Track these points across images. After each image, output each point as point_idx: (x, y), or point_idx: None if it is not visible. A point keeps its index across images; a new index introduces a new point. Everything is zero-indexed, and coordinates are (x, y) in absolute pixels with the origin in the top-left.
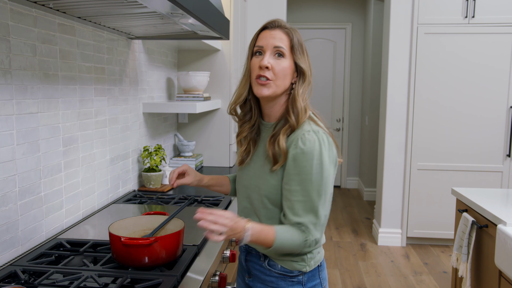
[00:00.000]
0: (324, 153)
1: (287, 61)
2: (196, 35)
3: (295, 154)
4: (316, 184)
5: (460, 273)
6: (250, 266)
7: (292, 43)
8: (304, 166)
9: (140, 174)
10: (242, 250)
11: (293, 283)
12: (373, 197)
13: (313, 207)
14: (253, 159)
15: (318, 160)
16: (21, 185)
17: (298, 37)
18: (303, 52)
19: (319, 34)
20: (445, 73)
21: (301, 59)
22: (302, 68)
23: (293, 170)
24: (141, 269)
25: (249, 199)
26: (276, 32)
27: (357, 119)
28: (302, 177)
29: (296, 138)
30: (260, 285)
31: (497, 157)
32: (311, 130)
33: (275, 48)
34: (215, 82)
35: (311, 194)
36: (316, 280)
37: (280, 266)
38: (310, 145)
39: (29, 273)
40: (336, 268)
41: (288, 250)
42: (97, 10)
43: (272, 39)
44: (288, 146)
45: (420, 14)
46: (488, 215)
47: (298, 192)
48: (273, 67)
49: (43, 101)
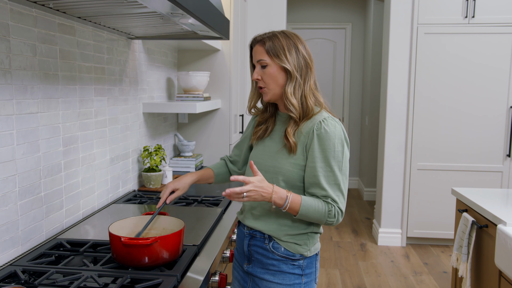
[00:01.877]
0: (344, 135)
1: (271, 67)
2: (196, 35)
3: (319, 134)
4: (338, 161)
5: (460, 273)
6: (252, 251)
7: (267, 50)
8: (328, 145)
9: (140, 174)
10: (245, 235)
11: (294, 266)
12: (373, 197)
13: (336, 181)
14: (268, 142)
15: (340, 140)
16: (21, 185)
17: (276, 41)
18: (286, 52)
19: (319, 34)
20: (445, 73)
21: (283, 60)
22: (286, 68)
23: (317, 148)
24: (141, 269)
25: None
26: (256, 48)
27: (357, 119)
28: (326, 154)
29: (317, 122)
30: (260, 270)
31: (497, 157)
32: (330, 116)
33: (258, 62)
34: (215, 82)
35: (334, 170)
36: (312, 268)
37: (283, 249)
38: (332, 127)
39: (29, 273)
40: (336, 268)
41: (313, 218)
42: (97, 10)
43: (255, 54)
44: (308, 131)
45: (420, 14)
46: (488, 215)
47: (322, 168)
48: (262, 77)
49: (43, 101)
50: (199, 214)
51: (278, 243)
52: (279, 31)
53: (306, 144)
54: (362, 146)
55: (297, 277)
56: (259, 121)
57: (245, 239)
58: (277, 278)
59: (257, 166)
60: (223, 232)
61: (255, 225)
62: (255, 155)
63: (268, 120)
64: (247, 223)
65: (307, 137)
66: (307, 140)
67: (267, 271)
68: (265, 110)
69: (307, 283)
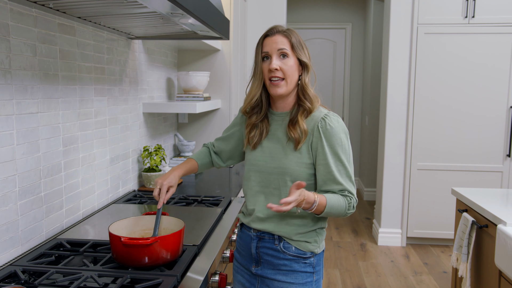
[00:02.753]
0: (347, 129)
1: (291, 59)
2: (196, 35)
3: (325, 131)
4: (347, 154)
5: (460, 273)
6: (261, 253)
7: (292, 43)
8: (336, 140)
9: (140, 174)
10: (252, 238)
11: (306, 265)
12: (373, 197)
13: (348, 173)
14: (267, 144)
15: (344, 133)
16: (21, 185)
17: (296, 36)
18: (303, 47)
19: (319, 34)
20: (445, 73)
21: (302, 54)
22: (305, 62)
23: (326, 145)
24: (141, 269)
25: (265, 182)
26: (277, 37)
27: (357, 119)
28: (335, 150)
29: (319, 118)
30: (270, 271)
31: (497, 157)
32: (329, 112)
33: (279, 50)
34: (215, 82)
35: (344, 163)
36: (321, 265)
37: (294, 248)
38: (335, 122)
39: (29, 273)
40: (336, 268)
41: (335, 214)
42: (97, 10)
43: (275, 43)
44: (311, 127)
45: (420, 14)
46: (488, 215)
47: (334, 164)
48: (281, 67)
49: (43, 101)
50: (199, 214)
51: (289, 242)
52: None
53: (311, 142)
54: (362, 146)
55: (309, 275)
56: (250, 125)
57: (252, 242)
58: (289, 277)
59: (259, 168)
60: (223, 232)
61: (264, 227)
62: (255, 159)
63: (260, 124)
64: (254, 226)
65: (312, 135)
66: (312, 138)
67: (279, 271)
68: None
69: (318, 280)
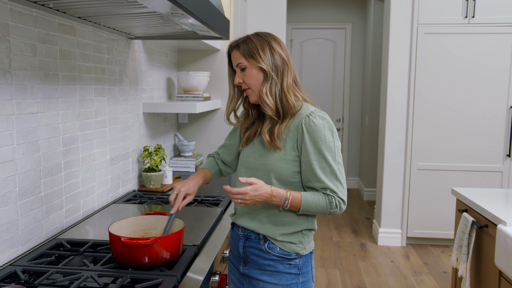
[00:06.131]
0: (333, 126)
1: (250, 69)
2: (196, 35)
3: (308, 128)
4: (331, 152)
5: (460, 273)
6: (248, 252)
7: (243, 53)
8: (319, 137)
9: (140, 174)
10: (240, 237)
11: (291, 266)
12: (373, 197)
13: (332, 171)
14: (257, 141)
15: (329, 130)
16: (21, 185)
17: (249, 43)
18: (260, 52)
19: (319, 34)
20: (445, 73)
21: (259, 60)
22: (263, 68)
23: (308, 142)
24: (141, 269)
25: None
26: (233, 53)
27: (357, 119)
28: (318, 146)
29: (304, 116)
30: (256, 271)
31: (497, 157)
32: (316, 109)
33: (237, 66)
34: (215, 82)
35: (328, 160)
36: (308, 267)
37: (279, 249)
38: (320, 119)
39: (29, 273)
40: (336, 268)
41: (316, 212)
42: (97, 10)
43: (233, 60)
44: (296, 124)
45: (420, 14)
46: (488, 215)
47: (317, 161)
48: (243, 80)
49: (43, 101)
50: (199, 214)
51: (273, 243)
52: (253, 34)
53: (296, 139)
54: (362, 146)
55: (294, 276)
56: (245, 127)
57: (240, 241)
58: (273, 278)
59: (248, 165)
60: (223, 232)
61: (249, 226)
62: (245, 155)
63: (255, 124)
64: (240, 223)
65: (296, 132)
66: (297, 135)
67: (264, 272)
68: (248, 116)
69: (304, 283)
